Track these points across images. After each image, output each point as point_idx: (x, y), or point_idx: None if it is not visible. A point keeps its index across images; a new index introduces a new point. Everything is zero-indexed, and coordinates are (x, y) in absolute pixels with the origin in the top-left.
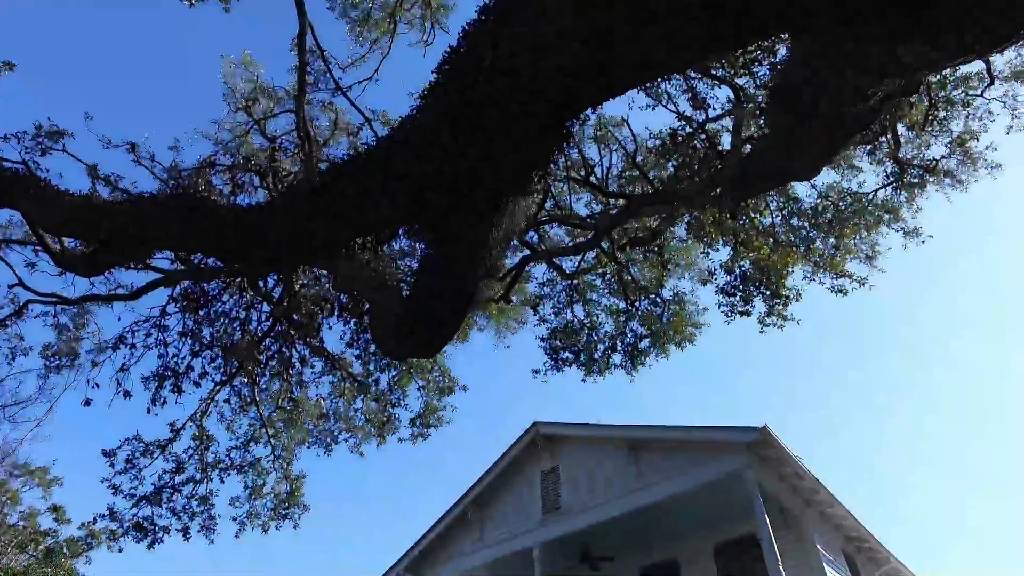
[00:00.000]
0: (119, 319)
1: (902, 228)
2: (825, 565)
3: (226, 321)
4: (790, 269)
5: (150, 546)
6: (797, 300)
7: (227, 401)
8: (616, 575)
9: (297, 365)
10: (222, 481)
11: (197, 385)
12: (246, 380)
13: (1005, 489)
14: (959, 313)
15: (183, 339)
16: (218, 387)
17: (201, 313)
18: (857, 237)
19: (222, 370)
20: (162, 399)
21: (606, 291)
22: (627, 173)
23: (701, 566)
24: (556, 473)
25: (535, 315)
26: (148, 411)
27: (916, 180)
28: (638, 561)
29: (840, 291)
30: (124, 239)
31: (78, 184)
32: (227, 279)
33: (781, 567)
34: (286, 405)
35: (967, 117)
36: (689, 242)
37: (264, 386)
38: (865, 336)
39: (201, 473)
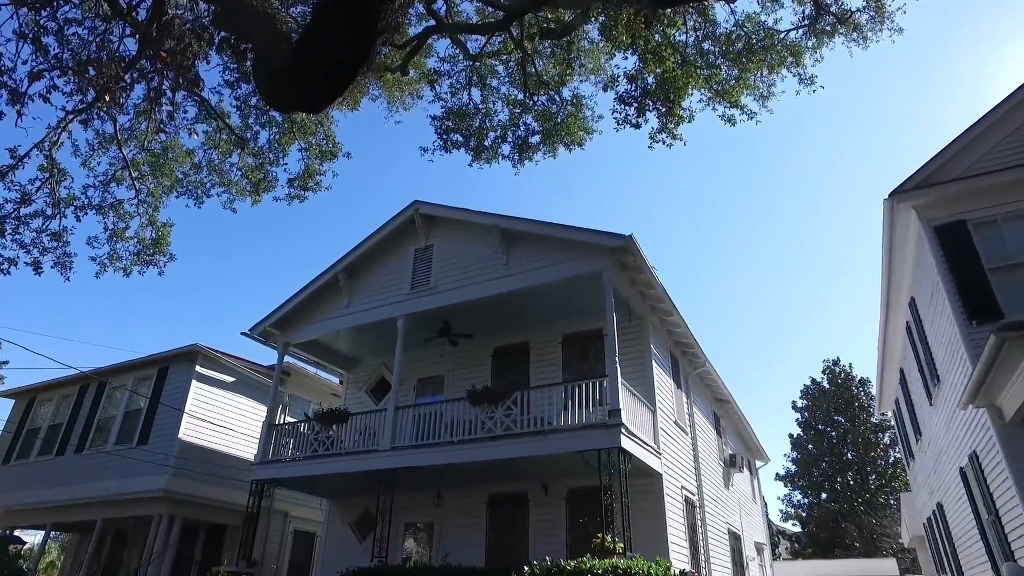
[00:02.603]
0: None
1: (800, 73)
2: (654, 362)
3: (79, 33)
4: (690, 91)
5: None
6: (689, 121)
7: (84, 124)
8: (472, 351)
9: (166, 106)
10: (78, 219)
11: (45, 100)
12: (104, 111)
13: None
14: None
15: (21, 42)
16: (70, 116)
17: (44, 13)
18: (759, 73)
19: (75, 95)
20: None
21: (507, 79)
22: None
23: (548, 351)
24: (429, 252)
25: (431, 91)
26: None
27: (828, 28)
28: (493, 341)
29: (729, 120)
30: None
31: None
32: None
33: (617, 359)
34: (154, 148)
35: None
36: (599, 45)
37: (128, 124)
38: (735, 171)
39: (53, 208)
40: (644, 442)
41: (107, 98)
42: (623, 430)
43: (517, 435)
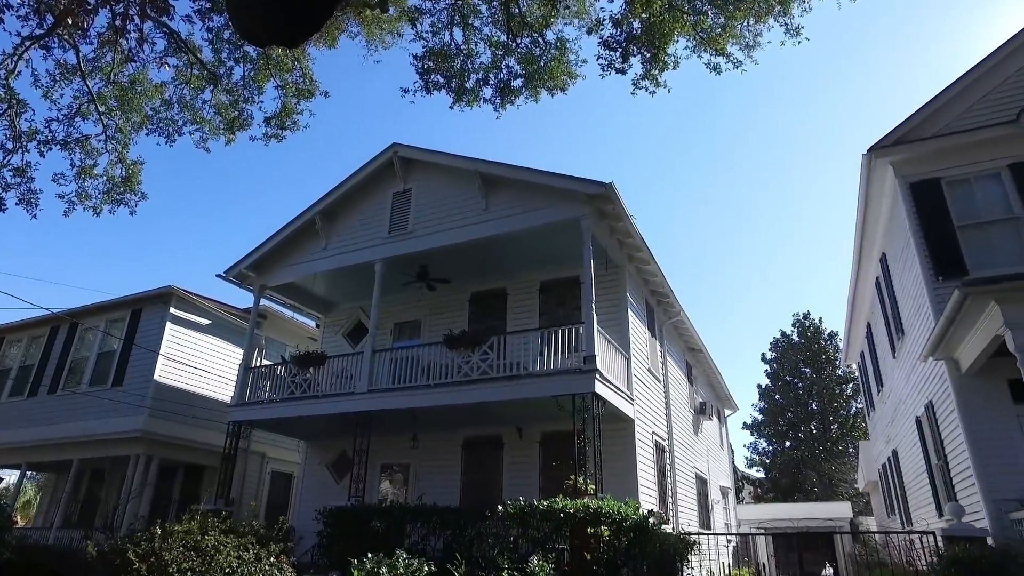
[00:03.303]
0: None
1: (787, 24)
2: (629, 310)
3: None
4: (676, 37)
5: None
6: (674, 68)
7: (44, 50)
8: (449, 296)
9: (133, 34)
10: (42, 155)
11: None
12: (66, 39)
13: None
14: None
15: None
16: (27, 43)
17: None
18: (746, 22)
19: (31, 19)
20: None
21: (489, 20)
22: None
23: (525, 297)
24: (408, 196)
25: (412, 29)
26: None
27: None
28: (471, 287)
29: (715, 68)
30: None
31: None
32: None
33: (594, 306)
34: (121, 81)
35: None
36: None
37: (92, 55)
38: (716, 123)
39: (14, 142)
40: (618, 388)
41: (69, 22)
42: (597, 376)
43: (493, 379)
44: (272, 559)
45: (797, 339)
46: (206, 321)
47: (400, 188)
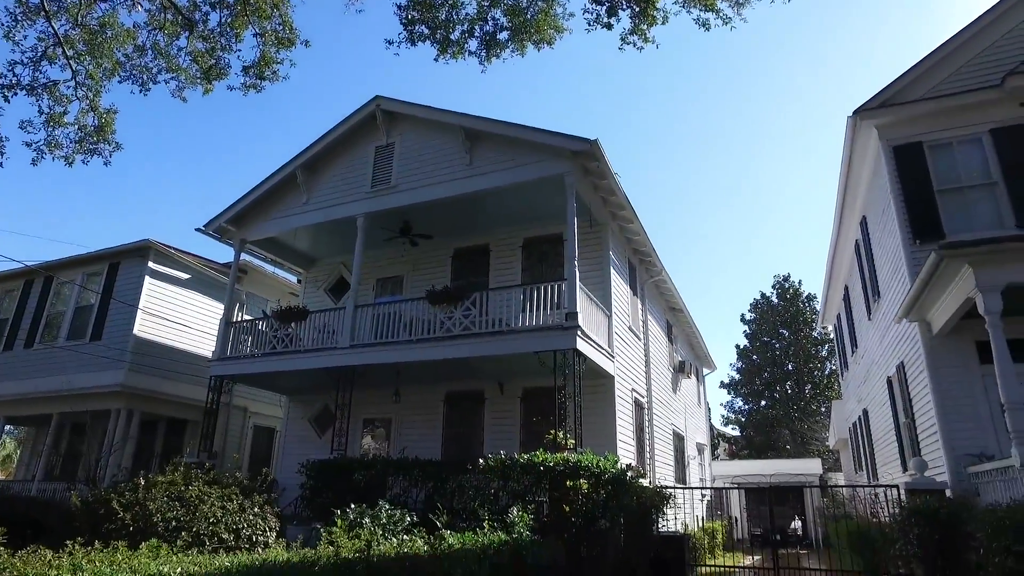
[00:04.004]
0: None
1: None
2: (612, 268)
3: None
4: None
5: None
6: (663, 23)
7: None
8: (432, 252)
9: None
10: (6, 99)
11: None
12: None
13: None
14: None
15: None
16: None
17: None
18: None
19: None
20: None
21: None
22: None
23: (508, 254)
24: (391, 149)
25: None
26: None
27: None
28: (453, 243)
29: (704, 25)
30: None
31: None
32: None
33: (576, 263)
34: (89, 23)
35: None
36: None
37: None
38: (701, 82)
39: None
40: (599, 345)
41: None
42: (579, 332)
43: (476, 335)
44: (256, 509)
45: (776, 301)
46: (185, 276)
47: (383, 142)
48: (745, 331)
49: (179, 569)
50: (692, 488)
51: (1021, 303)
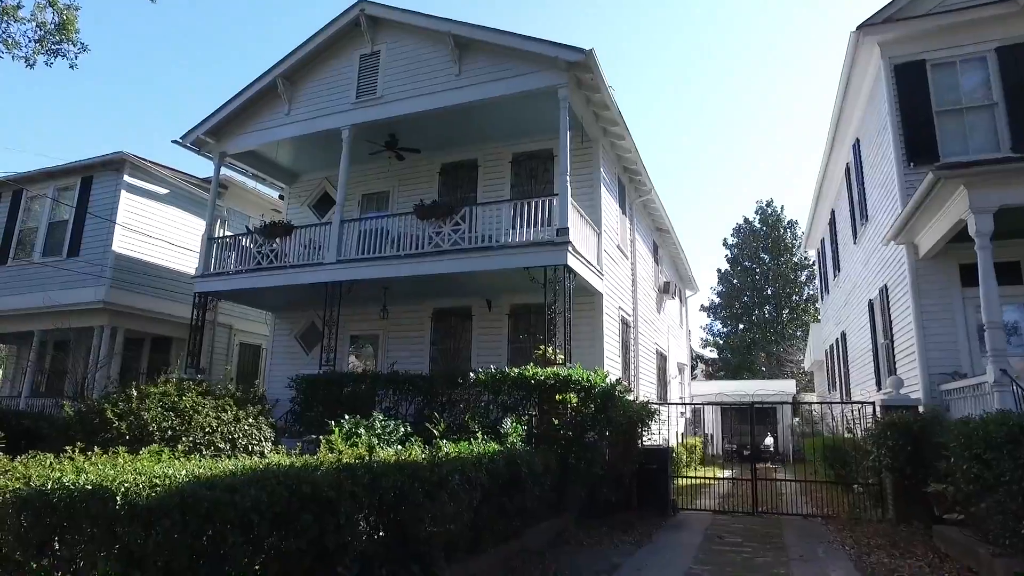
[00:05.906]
0: None
1: None
2: (602, 185)
3: None
4: None
5: None
6: None
7: None
8: (419, 166)
9: None
10: None
11: None
12: None
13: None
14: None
15: None
16: None
17: None
18: None
19: None
20: None
21: None
22: None
23: (497, 169)
24: (376, 58)
25: None
26: None
27: None
28: (441, 157)
29: None
30: None
31: None
32: None
33: (568, 177)
34: None
35: None
36: None
37: None
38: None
39: None
40: (588, 262)
41: None
42: (570, 249)
43: (465, 251)
44: (251, 419)
45: (759, 226)
46: (164, 190)
47: (368, 50)
48: (727, 255)
49: (183, 471)
50: (674, 404)
51: (1010, 226)
